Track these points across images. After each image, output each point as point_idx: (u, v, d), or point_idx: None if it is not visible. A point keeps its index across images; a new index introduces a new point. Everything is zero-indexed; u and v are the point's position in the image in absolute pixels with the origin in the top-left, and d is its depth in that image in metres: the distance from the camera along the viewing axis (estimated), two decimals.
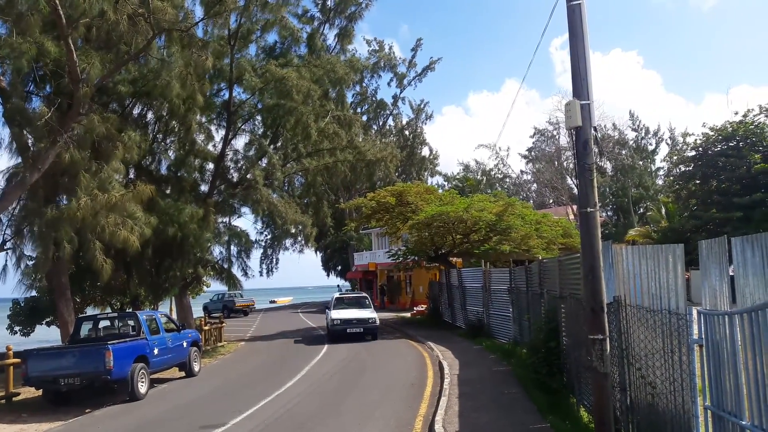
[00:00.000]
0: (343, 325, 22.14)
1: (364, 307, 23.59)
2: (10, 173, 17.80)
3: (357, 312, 22.84)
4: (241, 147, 28.63)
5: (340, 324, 22.21)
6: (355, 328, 22.06)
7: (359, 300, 24.81)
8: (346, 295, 27.56)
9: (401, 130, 54.84)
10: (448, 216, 23.66)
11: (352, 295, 26.62)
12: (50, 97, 16.96)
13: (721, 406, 5.12)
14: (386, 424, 9.75)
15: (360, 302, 24.38)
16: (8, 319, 23.31)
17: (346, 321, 22.24)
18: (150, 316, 15.50)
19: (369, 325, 22.22)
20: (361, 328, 22.06)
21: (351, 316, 22.45)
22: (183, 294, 26.56)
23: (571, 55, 7.29)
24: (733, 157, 29.52)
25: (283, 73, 23.97)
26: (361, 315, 22.48)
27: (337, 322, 22.26)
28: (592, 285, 7.04)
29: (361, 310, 23.05)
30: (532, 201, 55.70)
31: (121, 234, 16.25)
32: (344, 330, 22.03)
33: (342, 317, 22.40)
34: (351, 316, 22.38)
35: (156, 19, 15.35)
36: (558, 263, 11.17)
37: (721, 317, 5.05)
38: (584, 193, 7.15)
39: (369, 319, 22.26)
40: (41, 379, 12.90)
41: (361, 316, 22.41)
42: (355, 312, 22.85)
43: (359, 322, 22.19)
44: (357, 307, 23.66)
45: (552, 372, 10.70)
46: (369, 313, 22.69)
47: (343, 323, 22.19)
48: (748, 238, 4.79)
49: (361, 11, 36.53)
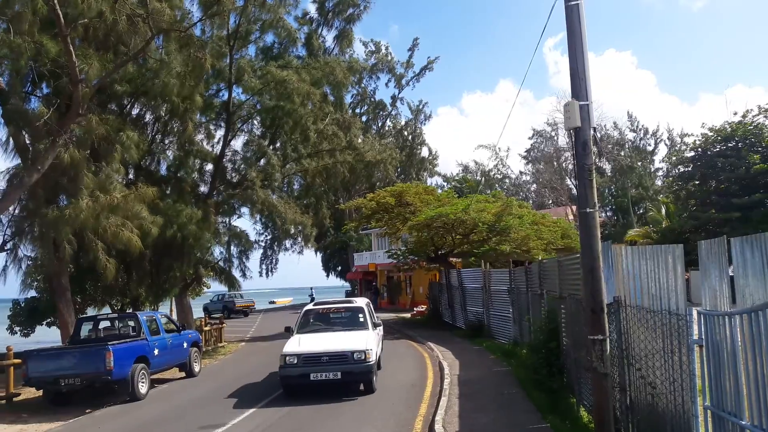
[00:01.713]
0: (304, 367, 11.97)
1: (354, 328, 13.53)
2: (10, 174, 17.80)
3: (336, 340, 12.72)
4: (241, 148, 28.63)
5: (298, 365, 12.02)
6: (326, 371, 11.86)
7: (349, 314, 14.31)
8: (327, 305, 15.13)
9: (400, 130, 54.88)
10: (448, 217, 23.68)
11: (337, 305, 14.94)
12: (49, 98, 16.97)
13: (720, 406, 5.13)
14: (386, 424, 9.76)
15: (349, 319, 14.11)
16: (8, 319, 23.30)
17: (310, 359, 12.06)
18: (150, 317, 15.51)
19: (354, 367, 11.94)
20: (337, 372, 11.84)
21: (321, 348, 12.34)
22: (183, 295, 26.57)
23: (570, 56, 7.29)
24: (732, 158, 29.52)
25: (283, 76, 24.01)
26: (342, 345, 12.28)
27: (292, 361, 12.04)
28: (592, 285, 7.05)
29: (346, 335, 12.96)
30: (532, 201, 55.69)
31: (124, 235, 16.27)
32: (304, 376, 11.96)
33: (303, 351, 12.23)
34: (320, 349, 12.27)
35: (154, 19, 15.35)
36: (558, 264, 11.18)
37: (721, 318, 5.06)
38: (584, 193, 7.16)
39: (354, 353, 11.96)
40: (42, 380, 12.91)
41: (342, 347, 12.20)
42: (331, 340, 12.76)
43: (334, 361, 11.98)
44: (341, 328, 13.69)
45: (552, 372, 10.71)
46: (358, 341, 12.40)
47: (304, 363, 11.98)
48: (748, 239, 4.80)
49: (360, 13, 36.62)
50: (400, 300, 42.51)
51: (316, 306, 15.19)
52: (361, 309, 14.27)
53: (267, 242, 44.89)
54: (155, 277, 23.49)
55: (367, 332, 13.26)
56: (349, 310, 14.45)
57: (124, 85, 19.70)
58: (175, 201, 21.53)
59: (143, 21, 15.36)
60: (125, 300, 24.17)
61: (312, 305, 15.50)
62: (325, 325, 14.04)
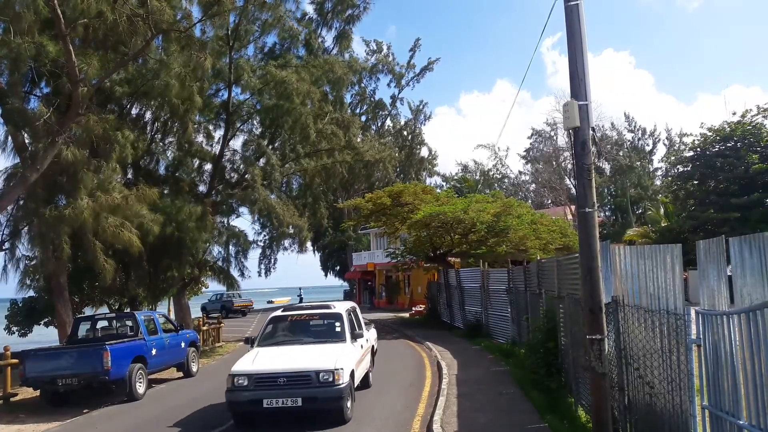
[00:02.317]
0: (256, 390, 9.59)
1: (328, 340, 11.07)
2: (9, 173, 17.79)
3: (300, 356, 10.25)
4: (240, 147, 28.65)
5: (248, 388, 9.65)
6: (283, 397, 9.46)
7: (323, 322, 11.78)
8: (297, 312, 12.42)
9: (400, 130, 54.91)
10: (446, 216, 23.68)
11: (309, 312, 12.20)
12: (48, 97, 16.95)
13: (718, 405, 5.13)
14: (384, 425, 9.75)
15: (324, 328, 11.64)
16: (6, 319, 23.26)
17: (264, 381, 9.64)
18: (148, 317, 15.49)
19: (318, 391, 9.51)
20: (297, 398, 9.43)
21: (278, 366, 9.88)
22: (181, 294, 26.54)
23: (569, 56, 7.29)
24: (731, 158, 29.58)
25: (283, 76, 24.00)
26: (305, 363, 9.83)
27: (241, 383, 9.69)
28: (591, 285, 7.05)
29: (315, 350, 10.49)
30: (531, 201, 55.75)
31: (124, 235, 16.27)
32: (255, 403, 9.56)
33: (256, 370, 9.83)
34: (277, 368, 9.82)
35: (154, 20, 15.34)
36: (556, 263, 11.18)
37: (719, 317, 5.06)
38: (583, 193, 7.16)
39: (320, 373, 9.55)
40: (39, 380, 12.88)
41: (305, 365, 9.77)
42: (295, 356, 10.29)
43: (294, 384, 9.54)
44: (313, 339, 11.23)
45: (550, 372, 10.72)
46: (327, 358, 9.92)
47: (256, 385, 9.62)
48: (746, 239, 4.80)
49: (359, 14, 36.54)
50: (399, 299, 42.53)
51: (285, 312, 12.31)
52: (339, 316, 11.61)
53: (265, 242, 44.86)
54: (153, 276, 23.46)
55: (343, 346, 10.66)
56: (324, 317, 11.82)
57: (123, 85, 19.69)
58: (173, 200, 21.52)
59: (143, 21, 15.35)
60: (123, 300, 24.15)
61: (280, 311, 12.41)
62: (293, 335, 11.46)
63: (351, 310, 12.65)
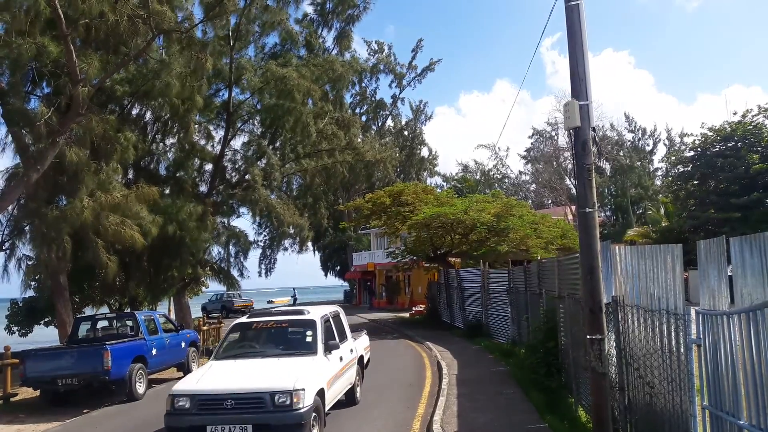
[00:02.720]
0: (200, 415, 8.10)
1: (295, 352, 9.40)
2: (10, 173, 17.81)
3: (256, 373, 8.65)
4: (240, 147, 28.68)
5: (190, 411, 8.16)
6: (231, 423, 7.94)
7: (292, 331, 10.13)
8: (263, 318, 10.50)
9: (400, 130, 54.94)
10: (447, 217, 23.68)
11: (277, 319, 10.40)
12: (49, 98, 16.97)
13: (718, 405, 5.13)
14: (384, 424, 9.75)
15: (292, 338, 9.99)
16: (6, 319, 23.29)
17: (209, 403, 8.15)
18: (148, 317, 15.50)
19: (272, 416, 7.94)
20: (246, 425, 7.89)
21: (227, 386, 8.34)
22: (181, 294, 26.57)
23: (570, 56, 7.29)
24: (732, 158, 29.57)
25: (283, 73, 24.04)
26: (258, 382, 8.25)
27: (183, 405, 8.18)
28: (591, 285, 7.04)
29: (275, 365, 8.81)
30: (531, 201, 55.75)
31: (126, 233, 16.29)
32: (198, 430, 8.01)
33: (200, 390, 8.32)
34: (225, 388, 8.28)
35: (155, 20, 15.36)
36: (557, 263, 11.18)
37: (720, 317, 5.06)
38: (583, 193, 7.16)
39: (276, 395, 7.96)
40: (39, 380, 12.89)
41: (257, 385, 8.20)
42: (250, 373, 8.70)
43: (243, 408, 8.00)
44: (279, 351, 9.52)
45: (550, 372, 10.71)
46: (286, 376, 8.27)
47: (200, 409, 8.13)
48: (747, 239, 4.80)
49: (359, 14, 36.60)
50: (399, 299, 42.52)
51: (250, 319, 10.53)
52: (311, 324, 9.72)
53: (266, 242, 44.90)
54: (153, 276, 23.49)
55: (312, 360, 8.92)
56: (294, 325, 10.03)
57: (124, 85, 19.72)
58: (174, 200, 21.55)
59: (144, 22, 15.37)
60: (123, 300, 24.17)
61: (245, 318, 10.81)
62: (256, 347, 9.79)
63: (331, 316, 10.72)
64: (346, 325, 11.49)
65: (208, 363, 9.56)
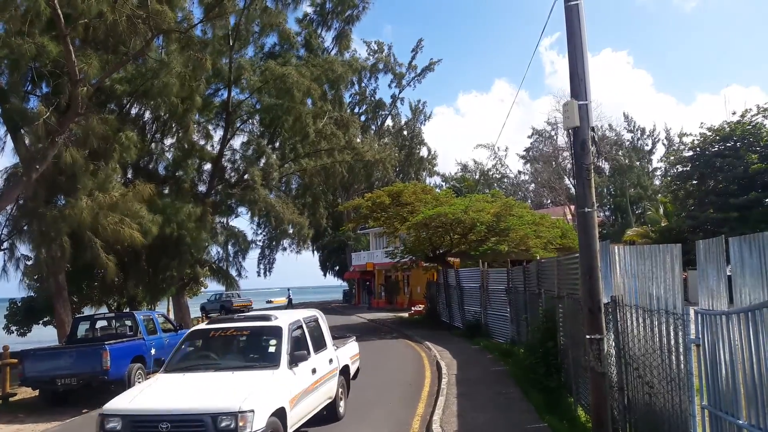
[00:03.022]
0: None
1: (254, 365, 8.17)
2: (9, 173, 17.80)
3: (203, 390, 7.43)
4: (240, 147, 28.70)
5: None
6: None
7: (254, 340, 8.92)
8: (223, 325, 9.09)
9: (400, 130, 54.96)
10: (446, 217, 23.68)
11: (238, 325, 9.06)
12: (48, 97, 16.97)
13: (718, 405, 5.13)
14: (384, 424, 9.75)
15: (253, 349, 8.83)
16: (5, 319, 23.28)
17: (142, 425, 7.02)
18: (147, 317, 15.49)
19: None
20: None
21: (165, 405, 7.12)
22: (180, 294, 26.57)
23: (569, 56, 7.29)
24: (731, 158, 29.59)
25: (283, 71, 24.06)
26: (200, 402, 7.04)
27: (114, 427, 7.02)
28: (590, 285, 7.05)
29: (229, 381, 7.54)
30: (530, 201, 55.78)
31: (125, 232, 16.29)
32: None
33: (134, 410, 7.18)
34: (162, 408, 7.08)
35: (155, 20, 15.35)
36: (556, 263, 11.18)
37: (719, 317, 5.06)
38: (582, 193, 7.16)
39: (219, 418, 6.76)
40: (38, 380, 12.88)
41: (197, 405, 7.00)
42: (196, 390, 7.47)
43: (182, 430, 6.86)
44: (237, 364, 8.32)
45: (549, 372, 10.71)
46: (234, 394, 7.03)
47: (131, 431, 6.99)
48: (746, 238, 4.80)
49: (358, 14, 36.63)
50: (398, 299, 42.53)
51: (208, 326, 9.35)
52: (276, 332, 8.42)
53: (264, 242, 44.92)
54: (152, 276, 23.49)
55: (272, 374, 7.71)
56: (257, 333, 8.80)
57: (123, 84, 19.73)
58: (173, 200, 21.55)
59: (143, 22, 15.36)
60: (122, 299, 24.16)
61: (204, 325, 9.80)
62: (211, 358, 8.64)
63: (305, 322, 9.36)
64: (326, 332, 10.13)
65: (155, 376, 8.49)
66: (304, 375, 8.39)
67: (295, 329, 8.79)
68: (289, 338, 8.39)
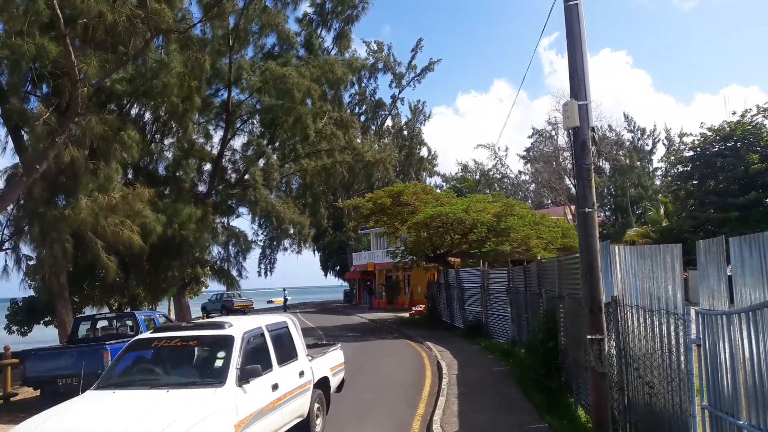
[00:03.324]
0: None
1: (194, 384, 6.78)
2: (9, 173, 17.80)
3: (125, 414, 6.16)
4: (240, 147, 28.72)
5: None
6: None
7: (199, 353, 7.66)
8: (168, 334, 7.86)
9: (400, 130, 54.96)
10: (447, 217, 23.69)
11: (184, 334, 7.75)
12: (48, 97, 16.98)
13: (718, 405, 5.13)
14: (384, 424, 9.75)
15: (197, 363, 7.55)
16: (6, 318, 23.30)
17: None
18: (148, 317, 15.48)
19: None
20: None
21: None
22: (181, 294, 26.58)
23: (569, 56, 7.29)
24: (731, 158, 29.59)
25: (283, 72, 24.07)
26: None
27: None
28: (591, 285, 7.05)
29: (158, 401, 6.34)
30: (531, 201, 55.73)
31: (124, 234, 16.30)
32: None
33: None
34: None
35: (154, 20, 15.35)
36: (557, 263, 11.18)
37: (719, 317, 5.06)
38: (582, 193, 7.16)
39: None
40: (39, 379, 12.87)
41: None
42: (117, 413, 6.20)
43: None
44: (177, 380, 6.97)
45: (550, 372, 10.71)
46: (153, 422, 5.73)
47: None
48: (746, 238, 4.80)
49: (358, 14, 36.61)
50: (399, 299, 42.52)
51: (153, 335, 8.06)
52: (227, 343, 7.18)
53: (265, 242, 44.90)
54: (153, 276, 23.49)
55: (212, 393, 6.49)
56: (205, 343, 7.56)
57: (123, 84, 19.72)
58: (174, 201, 21.56)
59: (142, 22, 15.36)
60: (123, 299, 24.17)
61: (148, 334, 8.58)
62: (154, 372, 7.37)
63: (271, 329, 8.12)
64: (298, 341, 8.80)
65: (84, 393, 7.37)
66: (260, 392, 7.11)
67: (252, 339, 7.57)
68: (241, 350, 7.12)
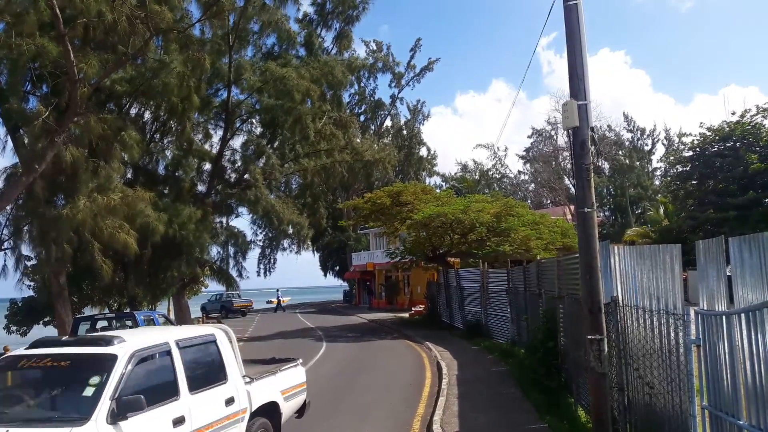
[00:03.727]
0: None
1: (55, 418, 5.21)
2: (8, 173, 17.81)
3: None
4: (239, 147, 28.73)
5: None
6: None
7: (68, 377, 5.71)
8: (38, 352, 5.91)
9: (399, 130, 54.98)
10: (446, 217, 23.68)
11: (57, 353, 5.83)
12: (48, 97, 16.98)
13: (718, 405, 5.13)
14: (384, 425, 9.74)
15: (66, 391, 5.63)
16: (5, 318, 23.31)
17: None
18: (147, 317, 15.50)
19: None
20: None
21: None
22: (181, 294, 26.57)
23: (568, 56, 7.28)
24: (730, 158, 29.59)
25: (283, 73, 24.06)
26: None
27: None
28: (590, 285, 7.04)
29: None
30: (530, 201, 55.73)
31: (120, 237, 16.32)
32: None
33: None
34: None
35: (153, 20, 15.35)
36: (556, 263, 11.18)
37: (719, 317, 5.06)
38: (582, 193, 7.16)
39: None
40: None
41: None
42: None
43: None
44: (33, 414, 5.44)
45: (550, 372, 10.71)
46: None
47: None
48: (746, 239, 4.80)
49: (358, 14, 36.63)
50: (398, 300, 42.51)
51: (22, 353, 6.34)
52: (104, 365, 5.53)
53: (264, 242, 44.92)
54: (153, 276, 23.50)
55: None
56: (78, 365, 5.76)
57: (123, 84, 19.74)
58: (173, 201, 21.56)
59: (142, 22, 15.36)
60: (123, 299, 24.17)
61: (21, 350, 6.75)
62: (10, 402, 5.76)
63: (183, 345, 6.38)
64: (228, 359, 6.92)
65: None
66: (149, 430, 5.56)
67: (148, 358, 5.92)
68: (123, 374, 5.50)
